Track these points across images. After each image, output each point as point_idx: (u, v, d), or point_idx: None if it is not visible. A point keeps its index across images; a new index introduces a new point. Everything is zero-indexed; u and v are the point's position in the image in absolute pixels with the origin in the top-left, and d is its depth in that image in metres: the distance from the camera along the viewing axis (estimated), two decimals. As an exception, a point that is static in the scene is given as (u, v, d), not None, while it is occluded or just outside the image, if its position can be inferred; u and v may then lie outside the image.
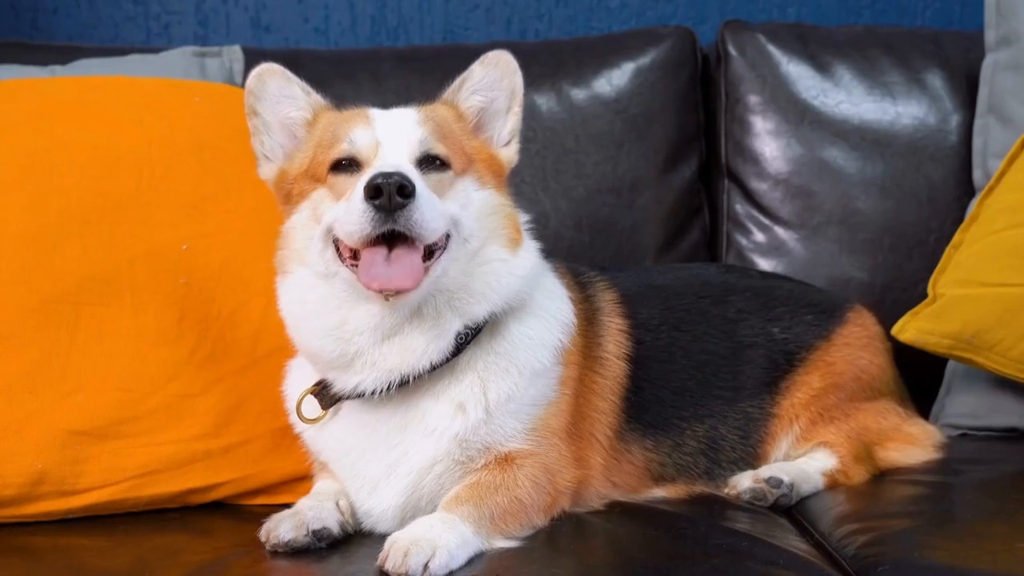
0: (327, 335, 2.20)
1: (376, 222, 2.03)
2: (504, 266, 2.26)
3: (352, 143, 2.21)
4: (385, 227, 2.04)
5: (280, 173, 2.36)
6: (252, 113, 2.37)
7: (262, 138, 2.38)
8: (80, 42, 3.76)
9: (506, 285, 2.25)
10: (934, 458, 2.73)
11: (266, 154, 2.39)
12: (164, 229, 2.52)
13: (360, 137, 2.21)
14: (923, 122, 3.42)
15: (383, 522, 2.25)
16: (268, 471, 2.48)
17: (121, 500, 2.37)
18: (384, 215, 2.03)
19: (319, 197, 2.24)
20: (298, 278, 2.26)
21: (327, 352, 2.21)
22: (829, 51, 3.51)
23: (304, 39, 3.95)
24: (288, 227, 2.30)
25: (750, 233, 3.51)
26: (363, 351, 2.19)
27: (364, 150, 2.20)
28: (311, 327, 2.23)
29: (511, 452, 2.23)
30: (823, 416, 2.62)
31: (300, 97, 2.36)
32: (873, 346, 2.74)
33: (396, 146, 2.19)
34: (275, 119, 2.37)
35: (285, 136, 2.38)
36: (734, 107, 3.54)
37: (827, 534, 2.30)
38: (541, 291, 2.35)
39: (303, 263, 2.25)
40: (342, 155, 2.21)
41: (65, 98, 2.65)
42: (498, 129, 2.40)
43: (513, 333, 2.27)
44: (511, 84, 2.38)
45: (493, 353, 2.25)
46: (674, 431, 2.51)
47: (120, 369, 2.40)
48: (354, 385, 2.20)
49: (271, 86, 2.35)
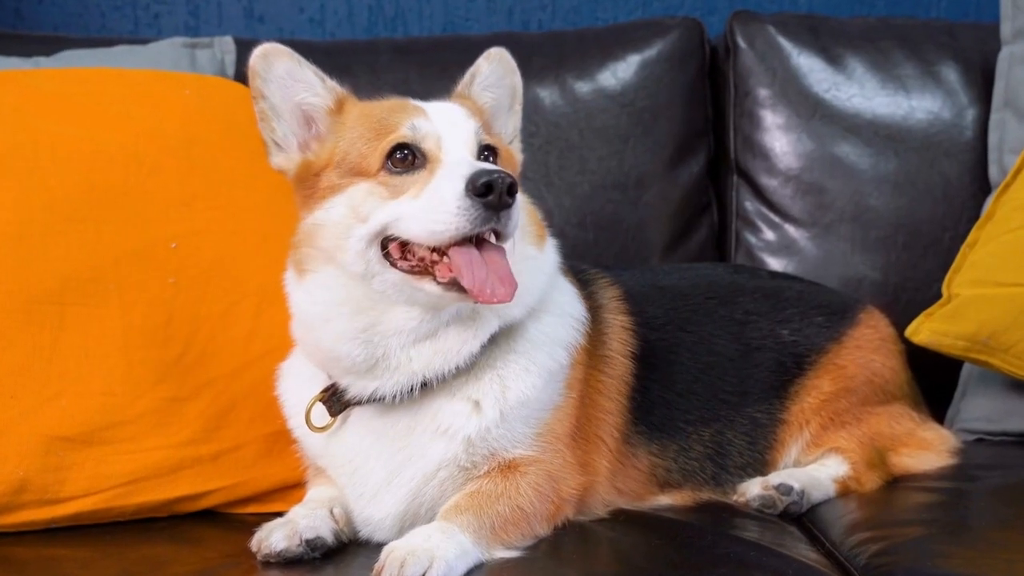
0: (354, 338, 2.17)
1: (480, 220, 2.00)
2: (534, 263, 2.26)
3: (415, 131, 2.16)
4: (488, 226, 2.01)
5: (304, 164, 2.28)
6: (259, 96, 2.29)
7: (272, 124, 2.30)
8: (65, 32, 3.75)
9: (539, 284, 2.26)
10: (949, 464, 2.73)
11: (277, 141, 2.31)
12: (152, 226, 2.50)
13: (423, 127, 2.16)
14: (938, 116, 3.42)
15: (381, 530, 2.23)
16: (260, 478, 2.47)
17: (106, 509, 2.36)
18: (490, 214, 2.00)
19: (361, 192, 2.17)
20: (325, 278, 2.20)
21: (352, 355, 2.17)
22: (841, 43, 3.51)
23: (299, 30, 3.95)
24: (313, 223, 2.21)
25: (760, 231, 3.50)
26: (389, 354, 2.16)
27: (427, 141, 2.16)
28: (336, 329, 2.18)
29: (515, 459, 2.22)
30: (834, 421, 2.62)
31: (315, 83, 2.29)
32: (886, 348, 2.73)
33: (458, 140, 2.16)
34: (286, 104, 2.29)
35: (298, 123, 2.30)
36: (743, 101, 3.53)
37: (838, 543, 2.29)
38: (556, 288, 2.35)
39: (331, 262, 2.19)
40: (402, 142, 2.15)
41: (49, 91, 2.63)
42: (502, 127, 2.41)
43: (531, 332, 2.26)
44: (512, 83, 2.40)
45: (512, 352, 2.23)
46: (680, 435, 2.50)
47: (106, 372, 2.38)
48: (372, 390, 2.18)
49: (278, 68, 2.28)
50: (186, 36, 3.45)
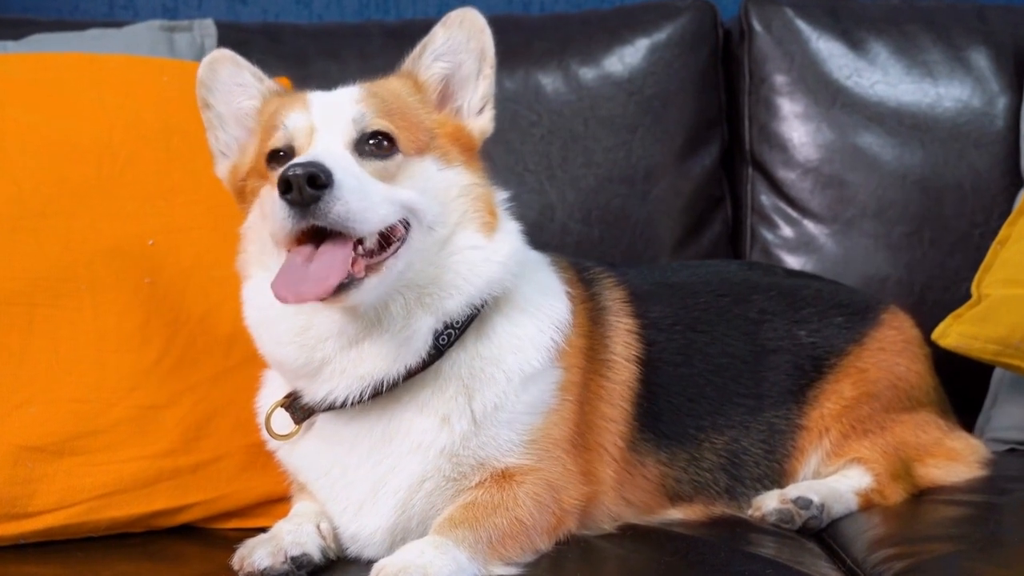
0: (290, 342, 2.19)
1: (292, 219, 2.01)
2: (479, 253, 2.24)
3: (286, 129, 2.19)
4: (303, 223, 2.01)
5: (232, 170, 2.36)
6: (204, 106, 2.36)
7: (217, 133, 2.38)
8: (34, 15, 3.75)
9: (482, 274, 2.23)
10: (979, 475, 2.72)
11: (221, 150, 2.39)
12: (128, 223, 2.50)
13: (294, 122, 2.19)
14: (967, 105, 3.42)
15: (370, 547, 2.23)
16: (242, 491, 2.47)
17: (79, 524, 2.35)
18: (299, 210, 2.00)
19: (267, 194, 2.21)
20: (258, 282, 2.26)
21: (291, 360, 2.20)
22: (863, 26, 3.51)
23: (284, 12, 3.95)
24: (245, 228, 2.32)
25: (776, 227, 3.50)
26: (330, 358, 2.18)
27: (298, 137, 2.18)
28: (273, 334, 2.23)
29: (509, 467, 2.22)
30: (856, 429, 2.61)
31: (251, 84, 2.36)
32: (910, 351, 2.73)
33: (331, 130, 2.17)
34: (228, 111, 2.37)
35: (239, 129, 2.38)
36: (759, 88, 3.53)
37: (861, 560, 2.29)
38: (531, 285, 2.33)
39: (261, 266, 2.26)
40: (277, 145, 2.20)
41: (17, 77, 2.62)
42: (467, 97, 2.37)
43: (500, 333, 2.26)
44: (479, 45, 2.35)
45: (478, 357, 2.24)
46: (690, 442, 2.50)
47: (78, 378, 2.38)
48: (324, 395, 2.19)
49: (222, 74, 2.35)
50: (164, 19, 3.47)
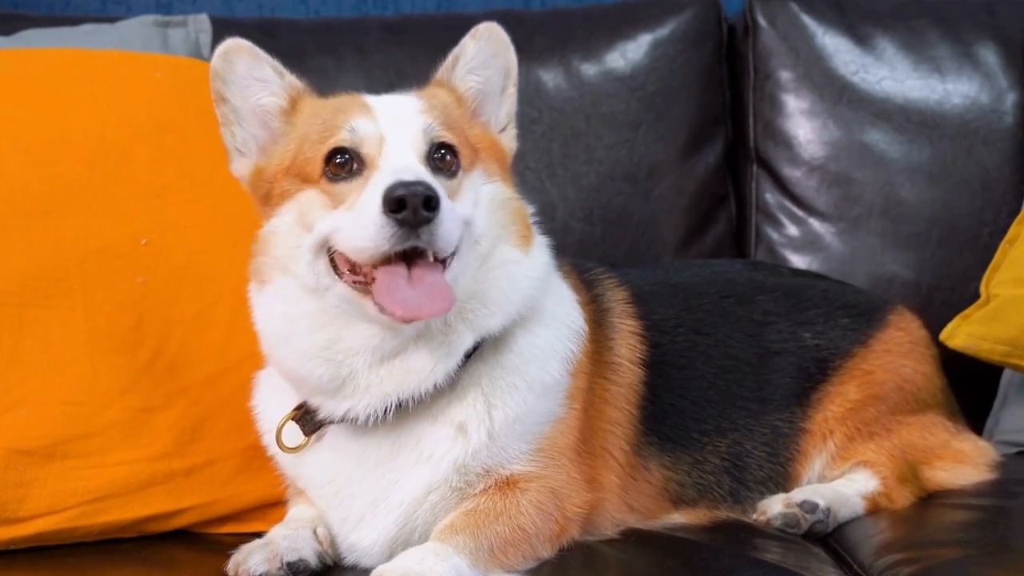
0: (316, 356, 2.16)
1: (397, 239, 1.99)
2: (518, 268, 2.24)
3: (354, 133, 2.14)
4: (407, 244, 2.00)
5: (256, 171, 2.29)
6: (220, 100, 2.30)
7: (233, 129, 2.31)
8: (26, 10, 3.77)
9: (521, 290, 2.22)
10: (987, 479, 2.72)
11: (238, 147, 2.32)
12: (120, 221, 2.50)
13: (362, 128, 2.14)
14: (975, 101, 3.42)
15: (369, 557, 2.22)
16: (237, 495, 2.46)
17: (70, 529, 2.35)
18: (407, 231, 1.98)
19: (308, 200, 2.17)
20: (280, 289, 2.21)
21: (316, 376, 2.16)
22: (870, 21, 3.51)
23: (280, 7, 3.95)
24: (268, 231, 2.23)
25: (782, 226, 3.51)
26: (357, 373, 2.15)
27: (367, 144, 2.14)
28: (297, 347, 2.18)
29: (514, 475, 2.21)
30: (861, 432, 2.61)
31: (272, 80, 2.30)
32: (917, 352, 2.73)
33: (402, 141, 2.14)
34: (246, 106, 2.30)
35: (258, 126, 2.31)
36: (763, 84, 3.54)
37: (867, 565, 2.29)
38: (549, 295, 2.32)
39: (286, 273, 2.20)
40: (339, 146, 2.14)
41: (8, 73, 2.62)
42: (492, 113, 2.37)
43: (520, 344, 2.24)
44: (504, 62, 2.35)
45: (499, 367, 2.22)
46: (694, 446, 2.50)
47: (69, 380, 2.37)
48: (344, 411, 2.17)
49: (239, 67, 2.28)
50: (157, 14, 3.44)
